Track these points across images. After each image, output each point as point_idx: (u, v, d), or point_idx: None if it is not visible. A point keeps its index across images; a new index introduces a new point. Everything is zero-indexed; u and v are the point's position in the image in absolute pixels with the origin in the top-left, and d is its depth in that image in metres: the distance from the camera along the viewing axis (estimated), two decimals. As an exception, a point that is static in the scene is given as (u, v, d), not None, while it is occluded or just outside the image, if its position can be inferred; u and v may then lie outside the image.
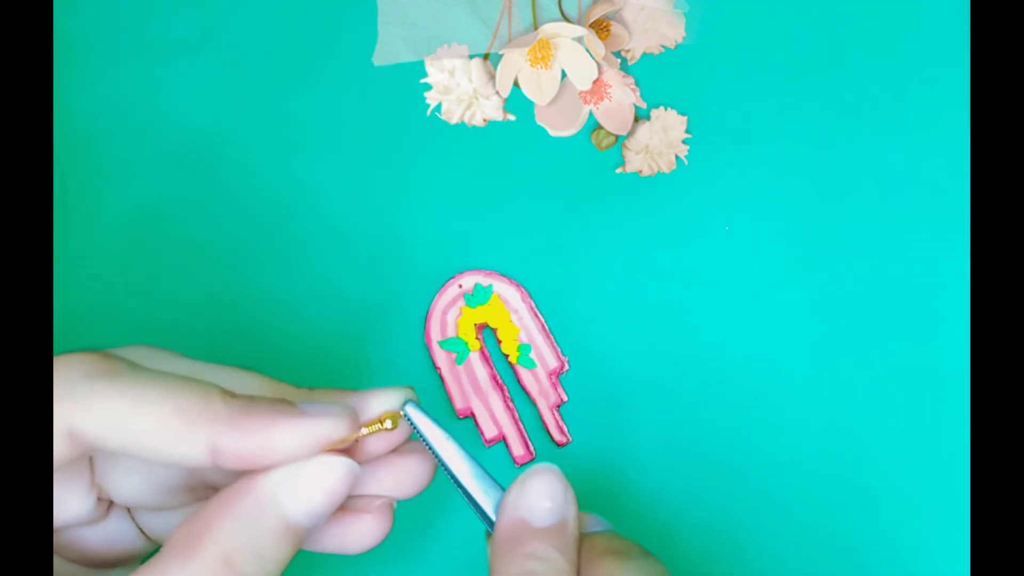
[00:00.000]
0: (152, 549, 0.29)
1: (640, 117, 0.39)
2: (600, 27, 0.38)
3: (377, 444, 0.27)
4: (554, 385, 0.37)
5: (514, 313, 0.38)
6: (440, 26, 0.39)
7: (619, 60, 0.39)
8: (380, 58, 0.39)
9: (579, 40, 0.37)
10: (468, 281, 0.38)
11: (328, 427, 0.25)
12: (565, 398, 0.37)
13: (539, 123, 0.38)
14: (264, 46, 0.40)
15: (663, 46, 0.39)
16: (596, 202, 0.39)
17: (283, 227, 0.39)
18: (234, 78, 0.39)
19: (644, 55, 0.39)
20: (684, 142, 0.39)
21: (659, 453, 0.37)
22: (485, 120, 0.39)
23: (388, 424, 0.27)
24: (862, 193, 0.39)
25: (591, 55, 0.37)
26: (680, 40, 0.39)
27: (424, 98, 0.39)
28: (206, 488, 0.28)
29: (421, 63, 0.39)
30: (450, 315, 0.37)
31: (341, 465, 0.25)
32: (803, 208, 0.39)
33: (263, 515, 0.24)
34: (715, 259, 0.38)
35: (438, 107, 0.39)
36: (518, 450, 0.37)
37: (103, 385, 0.24)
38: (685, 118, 0.38)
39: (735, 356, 0.38)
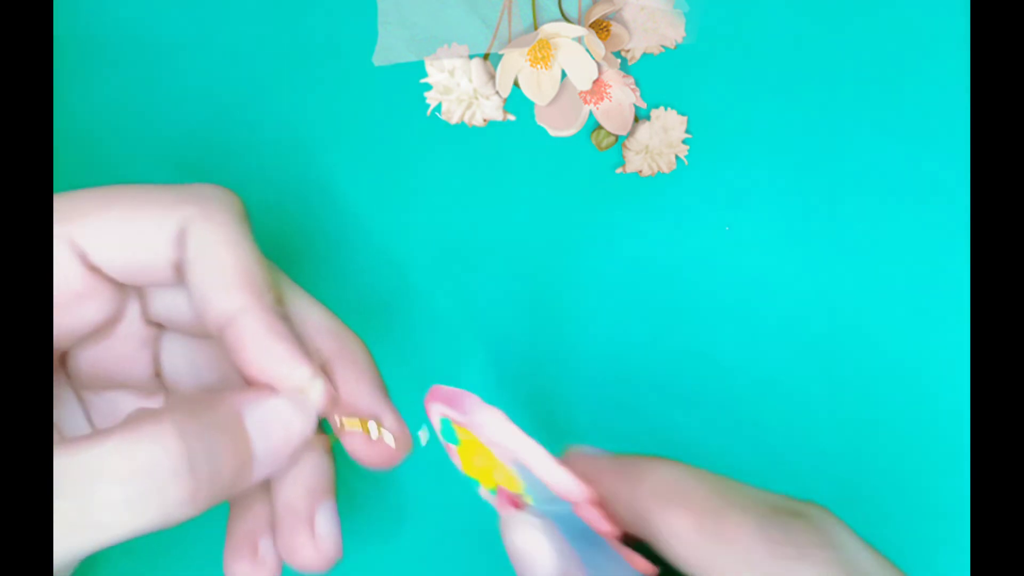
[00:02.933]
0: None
1: (640, 117, 0.39)
2: (600, 27, 0.38)
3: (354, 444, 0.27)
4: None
5: (495, 447, 0.27)
6: (440, 26, 0.39)
7: (619, 60, 0.39)
8: (380, 58, 0.39)
9: (579, 40, 0.37)
10: (434, 411, 0.28)
11: (299, 376, 0.25)
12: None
13: (539, 123, 0.38)
14: (264, 46, 0.40)
15: (663, 46, 0.39)
16: (596, 202, 0.39)
17: (283, 227, 0.39)
18: (234, 78, 0.39)
19: (644, 55, 0.39)
20: (684, 142, 0.39)
21: (659, 453, 0.37)
22: (485, 120, 0.39)
23: (373, 432, 0.26)
24: (862, 193, 0.39)
25: (591, 55, 0.37)
26: (680, 40, 0.39)
27: (424, 98, 0.39)
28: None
29: (421, 63, 0.39)
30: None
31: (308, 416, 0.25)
32: (803, 208, 0.39)
33: (229, 422, 0.24)
34: (715, 259, 0.38)
35: (438, 107, 0.39)
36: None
37: (118, 204, 0.26)
38: (685, 118, 0.38)
39: (735, 356, 0.38)
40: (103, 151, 0.39)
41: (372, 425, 0.27)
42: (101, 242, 0.26)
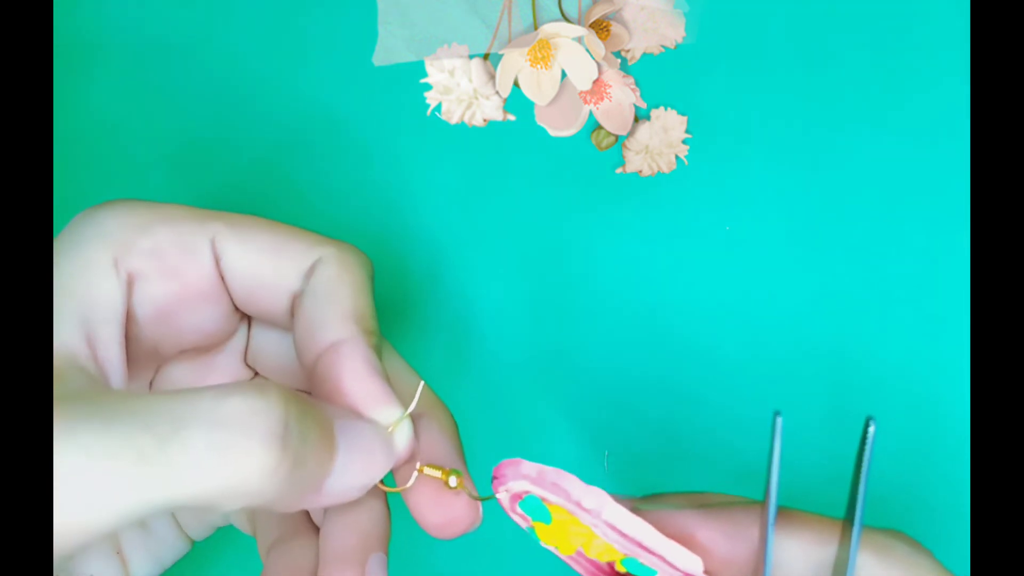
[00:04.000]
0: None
1: (640, 117, 0.39)
2: (600, 27, 0.38)
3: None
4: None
5: (596, 527, 0.26)
6: (440, 26, 0.39)
7: (619, 60, 0.39)
8: (380, 58, 0.39)
9: (579, 40, 0.37)
10: (514, 486, 0.26)
11: (390, 415, 0.25)
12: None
13: (539, 123, 0.38)
14: (264, 46, 0.40)
15: (663, 46, 0.39)
16: (596, 202, 0.39)
17: (283, 227, 0.39)
18: (234, 78, 0.39)
19: (644, 55, 0.39)
20: (684, 142, 0.39)
21: (659, 453, 0.37)
22: (485, 120, 0.39)
23: (453, 482, 0.25)
24: (862, 193, 0.39)
25: (591, 55, 0.37)
26: (680, 40, 0.39)
27: (424, 98, 0.39)
28: None
29: (421, 63, 0.39)
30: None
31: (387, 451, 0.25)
32: (803, 208, 0.39)
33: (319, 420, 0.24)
34: (715, 259, 0.38)
35: (438, 107, 0.39)
36: None
37: (160, 227, 0.26)
38: (685, 118, 0.38)
39: (735, 356, 0.38)
40: (103, 151, 0.39)
41: (453, 477, 0.25)
42: (239, 250, 0.26)
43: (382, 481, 0.25)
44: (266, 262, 0.27)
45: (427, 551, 0.38)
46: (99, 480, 0.20)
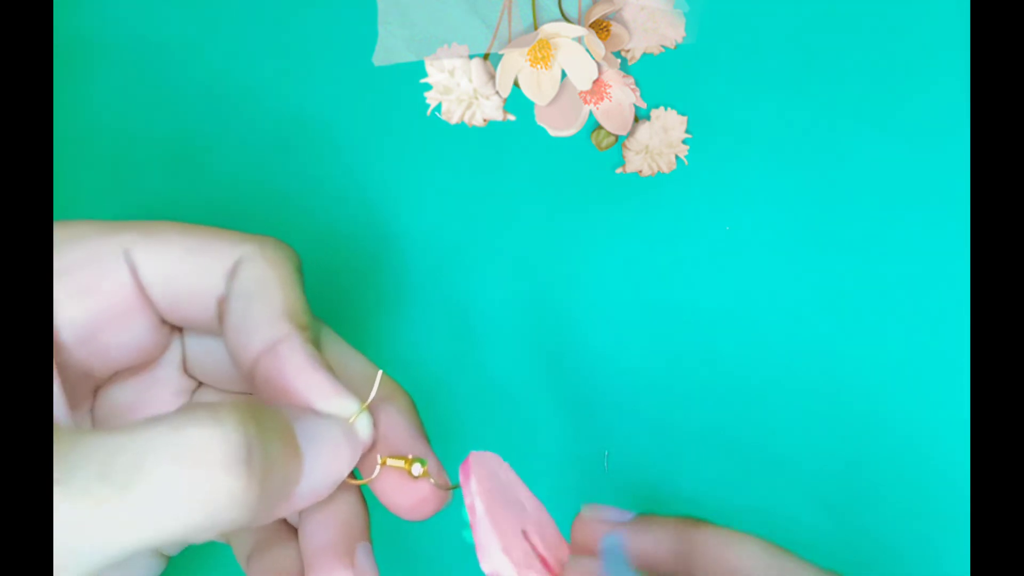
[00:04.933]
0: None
1: (640, 117, 0.39)
2: (600, 27, 0.38)
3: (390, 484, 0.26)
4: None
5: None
6: (440, 26, 0.39)
7: (619, 60, 0.39)
8: (380, 58, 0.39)
9: (579, 40, 0.37)
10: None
11: (345, 407, 0.24)
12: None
13: (539, 123, 0.38)
14: (263, 46, 0.40)
15: (663, 46, 0.39)
16: (596, 202, 0.39)
17: (282, 227, 0.39)
18: (233, 78, 0.39)
19: (644, 55, 0.39)
20: (684, 142, 0.39)
21: (658, 453, 0.37)
22: (485, 120, 0.39)
23: (417, 470, 0.25)
24: (862, 193, 0.39)
25: (591, 55, 0.37)
26: (680, 40, 0.39)
27: (424, 98, 0.39)
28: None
29: (421, 63, 0.39)
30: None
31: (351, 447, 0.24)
32: (803, 208, 0.39)
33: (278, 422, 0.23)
34: (715, 259, 0.38)
35: (438, 107, 0.39)
36: None
37: (171, 228, 0.26)
38: (685, 118, 0.38)
39: (735, 356, 0.38)
40: (103, 151, 0.39)
41: (417, 465, 0.25)
42: (155, 258, 0.25)
43: (351, 475, 0.25)
44: (185, 267, 0.26)
45: (405, 535, 0.38)
46: (62, 537, 0.19)
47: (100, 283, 0.25)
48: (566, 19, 0.39)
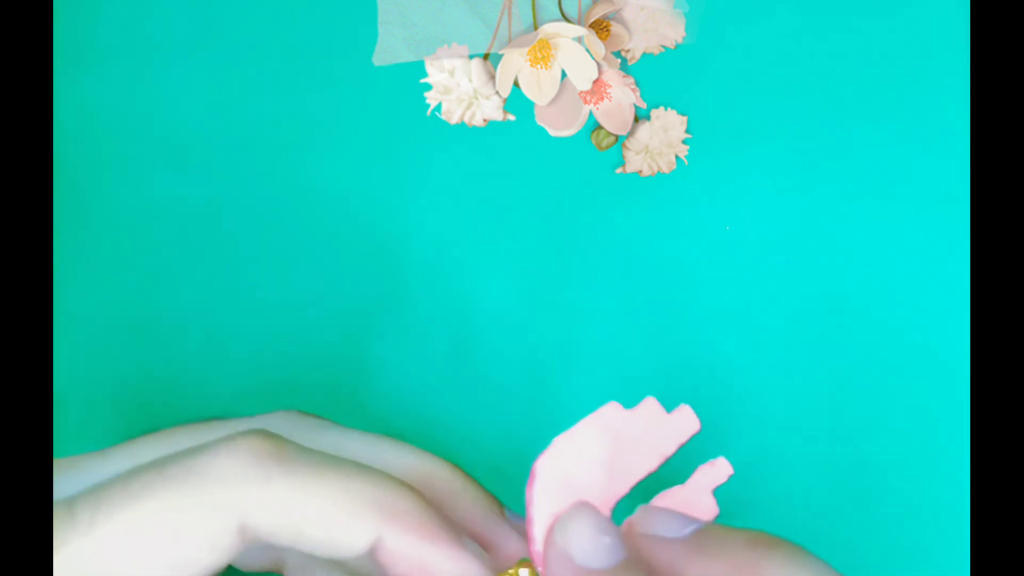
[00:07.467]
0: None
1: (640, 117, 0.39)
2: (600, 27, 0.38)
3: None
4: None
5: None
6: (440, 26, 0.39)
7: (619, 60, 0.39)
8: (380, 58, 0.39)
9: (579, 40, 0.37)
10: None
11: (479, 571, 0.24)
12: None
13: (539, 123, 0.38)
14: (263, 46, 0.40)
15: (663, 46, 0.39)
16: (596, 202, 0.39)
17: (282, 227, 0.39)
18: (233, 78, 0.39)
19: (644, 55, 0.39)
20: (684, 142, 0.39)
21: (659, 453, 0.37)
22: (485, 120, 0.39)
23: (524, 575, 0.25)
24: (862, 193, 0.39)
25: (591, 55, 0.37)
26: (680, 40, 0.39)
27: (424, 98, 0.39)
28: None
29: (421, 63, 0.39)
30: None
31: None
32: (803, 208, 0.39)
33: None
34: (715, 259, 0.38)
35: (438, 107, 0.39)
36: None
37: (276, 472, 0.23)
38: (685, 118, 0.38)
39: (735, 356, 0.38)
40: (103, 151, 0.39)
41: (524, 571, 0.25)
42: (271, 522, 0.23)
43: None
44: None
45: None
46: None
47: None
48: (566, 19, 0.39)
